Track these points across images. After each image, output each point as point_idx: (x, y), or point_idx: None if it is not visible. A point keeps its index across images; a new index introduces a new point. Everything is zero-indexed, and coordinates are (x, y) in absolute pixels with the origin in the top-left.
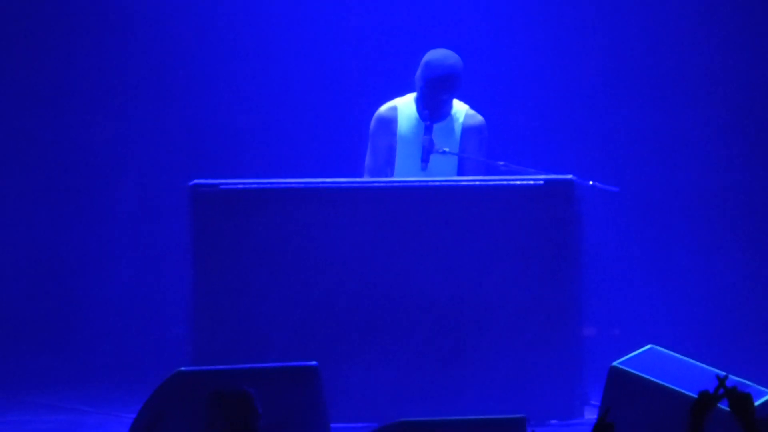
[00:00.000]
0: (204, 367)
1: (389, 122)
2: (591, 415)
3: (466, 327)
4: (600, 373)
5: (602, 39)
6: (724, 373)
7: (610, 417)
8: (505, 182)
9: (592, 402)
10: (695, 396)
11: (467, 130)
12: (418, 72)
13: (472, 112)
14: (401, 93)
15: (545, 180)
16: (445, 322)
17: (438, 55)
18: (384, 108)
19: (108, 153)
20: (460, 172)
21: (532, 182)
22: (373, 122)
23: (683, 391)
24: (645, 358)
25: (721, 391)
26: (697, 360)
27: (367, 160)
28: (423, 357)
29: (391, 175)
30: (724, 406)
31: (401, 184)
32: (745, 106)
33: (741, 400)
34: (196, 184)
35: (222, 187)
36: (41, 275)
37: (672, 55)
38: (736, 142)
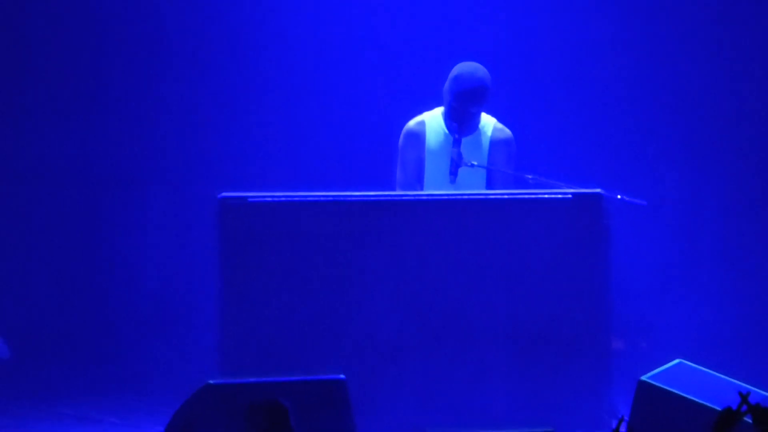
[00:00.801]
0: (232, 380)
1: (417, 136)
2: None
3: (494, 339)
4: (628, 386)
5: (632, 52)
6: (747, 389)
7: (637, 430)
8: (533, 196)
9: (620, 416)
10: None
11: (495, 144)
12: (446, 85)
13: (500, 125)
14: (431, 105)
15: (573, 194)
16: (474, 335)
17: (467, 68)
18: (412, 122)
19: (137, 165)
20: (488, 186)
21: (560, 196)
22: (401, 137)
23: (711, 405)
24: (673, 373)
25: (744, 407)
26: (725, 375)
27: (398, 175)
28: (451, 369)
29: (421, 188)
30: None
31: (429, 197)
32: None
33: (765, 415)
34: (224, 197)
35: (250, 200)
36: (69, 286)
37: (701, 70)
38: (764, 159)
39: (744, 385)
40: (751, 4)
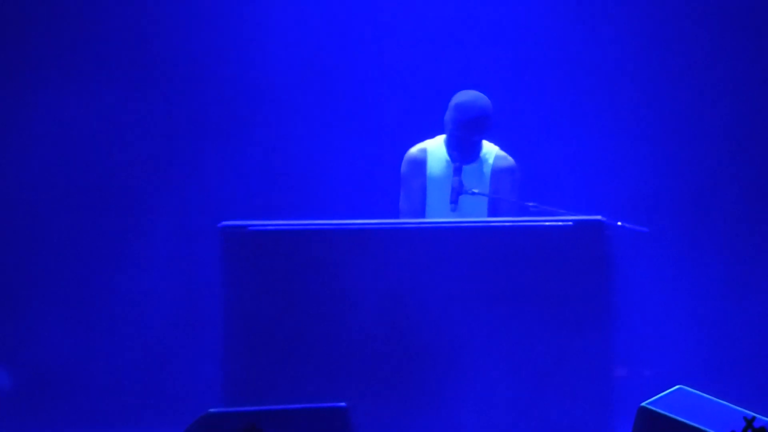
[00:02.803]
0: (233, 409)
1: (419, 164)
2: None
3: (497, 367)
4: (630, 413)
5: (633, 79)
6: (752, 414)
7: None
8: (534, 223)
9: None
10: None
11: (497, 172)
12: (448, 114)
13: (502, 153)
14: (434, 133)
15: (574, 221)
16: (475, 363)
17: (467, 97)
18: (414, 150)
19: (138, 195)
20: (490, 213)
21: (561, 223)
22: (403, 164)
23: (711, 431)
24: (674, 399)
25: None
26: (727, 401)
27: (401, 203)
28: (454, 396)
29: (424, 216)
30: None
31: (430, 225)
32: None
33: None
34: (224, 226)
35: (250, 228)
36: (71, 317)
37: (703, 95)
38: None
39: (746, 411)
40: (747, 30)
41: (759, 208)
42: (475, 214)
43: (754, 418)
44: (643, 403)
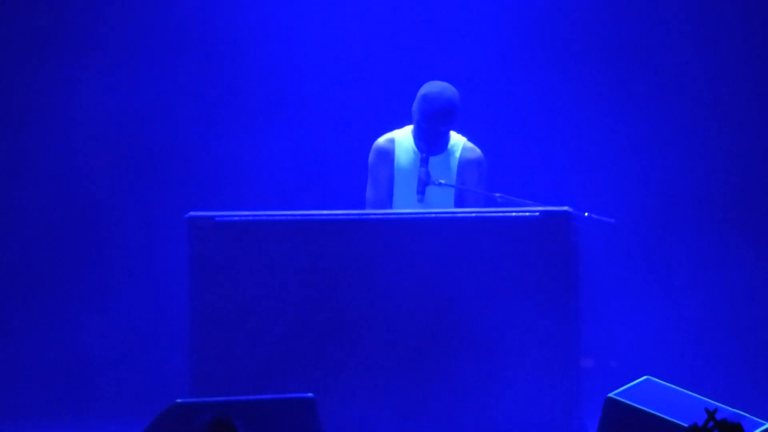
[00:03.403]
0: (200, 399)
1: (387, 154)
2: None
3: (463, 358)
4: (597, 404)
5: (598, 69)
6: (714, 406)
7: None
8: (501, 214)
9: None
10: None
11: (464, 164)
12: (415, 104)
13: (470, 145)
14: (401, 123)
15: (541, 212)
16: (443, 354)
17: (435, 87)
18: (381, 140)
19: (106, 184)
20: (456, 204)
21: (527, 214)
22: (371, 154)
23: (678, 421)
24: (640, 389)
25: (711, 423)
26: (693, 391)
27: (368, 193)
28: (421, 388)
29: (391, 206)
30: None
31: (396, 216)
32: (746, 141)
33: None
34: (191, 216)
35: (217, 219)
36: (38, 308)
37: (670, 87)
38: (735, 177)
39: (711, 401)
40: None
41: (726, 200)
42: (441, 205)
43: (716, 410)
44: (611, 394)
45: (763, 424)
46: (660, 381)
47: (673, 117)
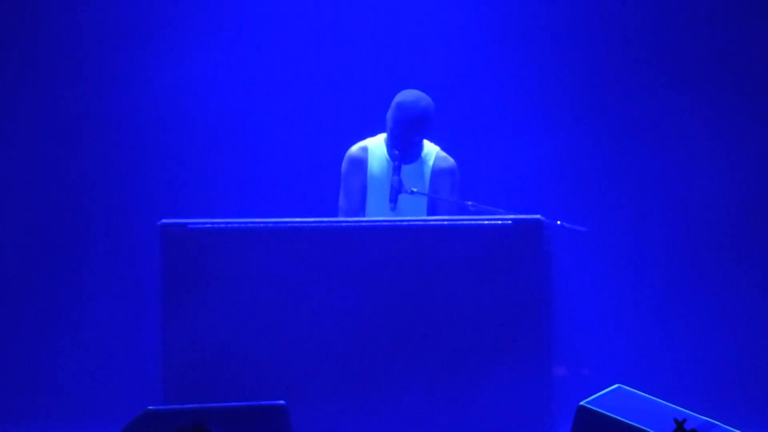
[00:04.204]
0: (172, 406)
1: (360, 162)
2: None
3: (436, 367)
4: (569, 412)
5: (574, 78)
6: (685, 415)
7: None
8: (473, 222)
9: None
10: None
11: (437, 173)
12: (389, 113)
13: (443, 154)
14: (375, 132)
15: (513, 220)
16: (416, 362)
17: (409, 96)
18: (354, 148)
19: (79, 189)
20: (429, 213)
21: (500, 222)
22: (344, 162)
23: (649, 430)
24: (612, 398)
25: None
26: (665, 400)
27: (341, 201)
28: (393, 396)
29: (363, 215)
30: None
31: (369, 223)
32: (718, 149)
33: None
34: (164, 224)
35: (190, 226)
36: (9, 312)
37: (642, 94)
38: (707, 180)
39: (683, 410)
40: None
41: (698, 207)
42: (414, 213)
43: (684, 420)
44: (582, 402)
45: None
46: (632, 389)
47: (645, 125)
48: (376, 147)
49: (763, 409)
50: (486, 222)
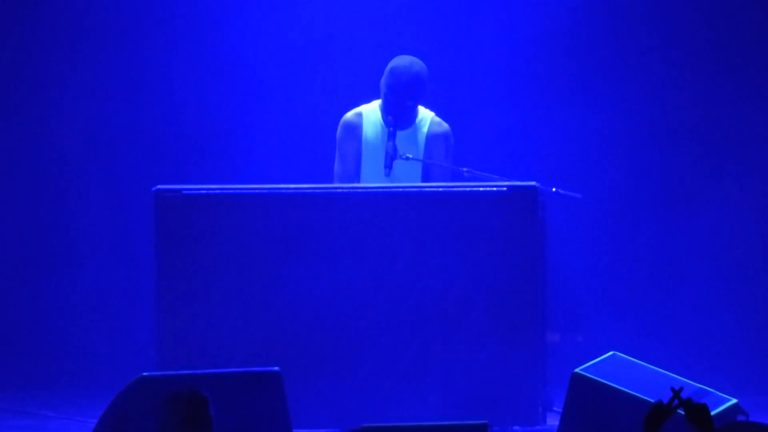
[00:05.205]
0: (166, 372)
1: (354, 128)
2: (553, 421)
3: (430, 333)
4: (563, 379)
5: (569, 48)
6: (680, 382)
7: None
8: (468, 189)
9: (555, 408)
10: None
11: (432, 138)
12: (383, 78)
13: (437, 119)
14: (370, 98)
15: (509, 186)
16: (410, 329)
17: (403, 61)
18: (349, 114)
19: (72, 157)
20: (424, 179)
21: (495, 189)
22: (339, 129)
23: (644, 397)
24: (607, 365)
25: (676, 402)
26: (660, 367)
27: (336, 167)
28: (387, 363)
29: (358, 181)
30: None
31: (363, 190)
32: (709, 111)
33: (697, 410)
34: (159, 189)
35: (185, 192)
36: (4, 279)
37: (634, 60)
38: (701, 147)
39: (677, 377)
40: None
41: (690, 175)
42: (408, 179)
43: (681, 388)
44: (577, 369)
45: (729, 400)
46: (627, 356)
47: (639, 92)
48: (370, 113)
49: (758, 374)
50: (481, 189)
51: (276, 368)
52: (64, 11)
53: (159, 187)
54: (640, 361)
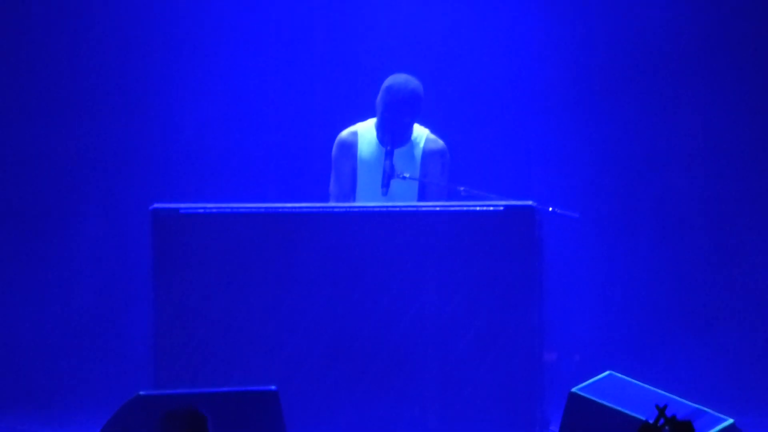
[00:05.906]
0: (163, 391)
1: (350, 147)
2: None
3: (427, 352)
4: (560, 398)
5: (565, 63)
6: (673, 402)
7: None
8: (465, 208)
9: (552, 428)
10: None
11: (428, 155)
12: (379, 97)
13: (433, 136)
14: (366, 116)
15: (505, 206)
16: (406, 347)
17: (399, 79)
18: (344, 133)
19: (71, 174)
20: (420, 198)
21: (492, 208)
22: (334, 147)
23: (640, 416)
24: (603, 384)
25: (662, 421)
26: (656, 387)
27: (331, 186)
28: (384, 381)
29: (354, 200)
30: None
31: (361, 209)
32: (707, 134)
33: (681, 428)
34: (156, 208)
35: (182, 211)
36: (3, 297)
37: (633, 80)
38: (698, 168)
39: (674, 397)
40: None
41: (687, 193)
42: (405, 197)
43: (665, 406)
44: (574, 389)
45: (725, 420)
46: (623, 376)
47: (638, 111)
48: (366, 131)
49: (758, 394)
50: (478, 208)
51: (273, 387)
52: (61, 26)
53: (156, 205)
54: (636, 381)
